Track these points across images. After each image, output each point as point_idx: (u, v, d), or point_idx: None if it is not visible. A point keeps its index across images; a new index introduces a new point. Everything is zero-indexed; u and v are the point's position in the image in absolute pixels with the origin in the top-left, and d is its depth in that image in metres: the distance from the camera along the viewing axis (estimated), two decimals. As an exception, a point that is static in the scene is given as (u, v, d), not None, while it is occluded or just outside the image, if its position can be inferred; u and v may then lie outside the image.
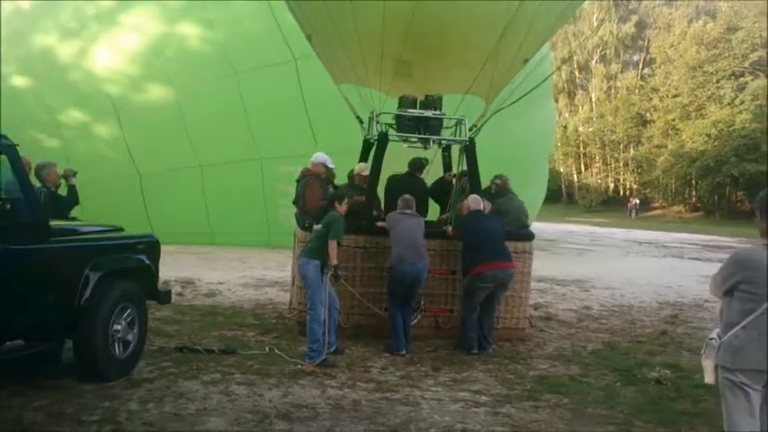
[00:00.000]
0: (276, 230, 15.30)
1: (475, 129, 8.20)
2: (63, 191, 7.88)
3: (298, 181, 8.15)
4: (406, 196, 7.55)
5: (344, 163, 8.65)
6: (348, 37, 7.64)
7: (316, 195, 7.69)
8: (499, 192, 8.42)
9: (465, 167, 8.24)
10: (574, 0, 8.20)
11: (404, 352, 7.02)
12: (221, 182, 15.57)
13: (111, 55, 15.90)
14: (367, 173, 8.13)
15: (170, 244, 11.17)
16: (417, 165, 8.61)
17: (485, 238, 7.32)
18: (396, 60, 7.85)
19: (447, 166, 8.84)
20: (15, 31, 15.75)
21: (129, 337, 5.76)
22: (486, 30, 7.45)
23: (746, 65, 45.56)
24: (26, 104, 15.33)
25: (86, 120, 15.91)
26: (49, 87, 15.72)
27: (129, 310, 5.75)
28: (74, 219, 7.20)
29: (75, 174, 8.17)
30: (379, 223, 7.85)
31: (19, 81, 15.73)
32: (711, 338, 3.50)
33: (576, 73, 57.47)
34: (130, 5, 16.02)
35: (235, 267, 13.01)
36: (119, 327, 5.63)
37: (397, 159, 8.74)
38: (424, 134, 8.01)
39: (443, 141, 8.31)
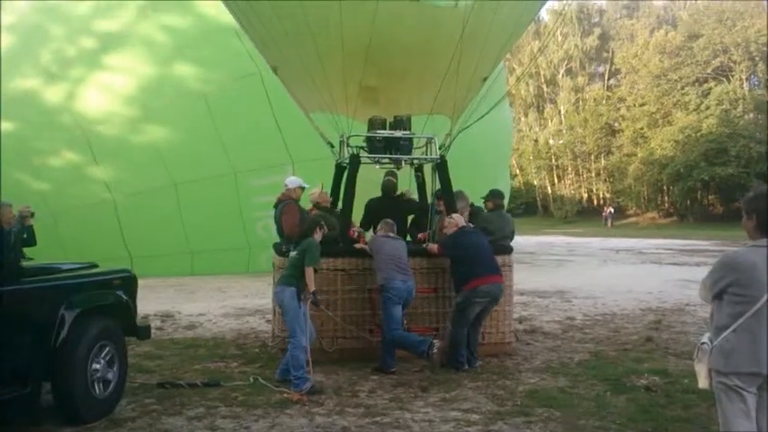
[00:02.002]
0: (255, 243, 15.22)
1: (444, 147, 8.24)
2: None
3: (275, 206, 8.10)
4: (388, 221, 7.57)
5: (317, 170, 8.61)
6: (313, 67, 7.73)
7: (293, 221, 7.62)
8: (493, 208, 8.47)
9: (438, 185, 8.27)
10: (523, 17, 8.33)
11: (394, 369, 7.03)
12: (197, 199, 15.44)
13: (98, 96, 15.79)
14: (319, 191, 8.21)
15: (148, 276, 11.06)
16: (390, 187, 8.60)
17: (476, 253, 7.33)
18: (360, 87, 7.92)
19: (420, 185, 8.84)
20: None
21: (109, 376, 5.60)
22: (440, 52, 7.59)
23: (709, 71, 46.48)
24: (11, 148, 15.17)
25: (74, 159, 15.74)
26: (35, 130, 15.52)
27: (107, 348, 5.59)
28: (30, 259, 7.06)
29: (32, 214, 8.06)
30: (358, 245, 7.81)
31: (4, 127, 15.47)
32: (703, 343, 3.46)
33: (544, 87, 58.19)
34: (113, 47, 15.93)
35: (214, 297, 12.84)
36: (98, 366, 5.47)
37: (370, 182, 8.76)
38: (396, 154, 8.03)
39: (415, 161, 8.34)
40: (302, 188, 8.14)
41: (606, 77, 58.45)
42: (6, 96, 15.39)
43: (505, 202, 20.70)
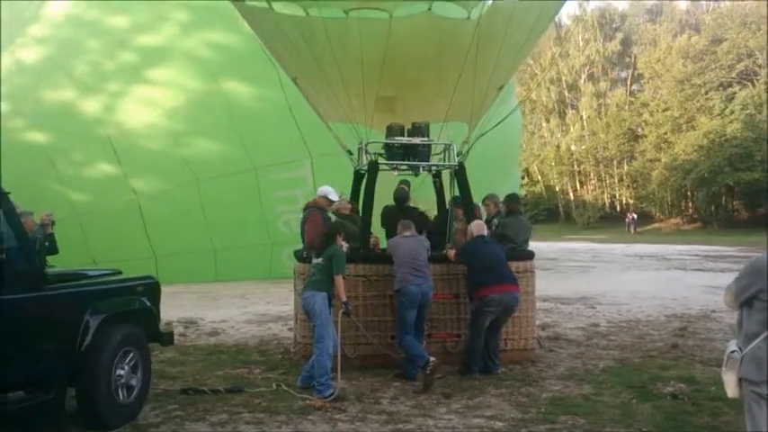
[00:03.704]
0: (277, 240, 15.48)
1: (462, 154, 8.24)
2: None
3: (304, 210, 8.15)
4: (405, 221, 7.54)
5: (335, 165, 8.68)
6: (333, 82, 7.87)
7: (314, 231, 7.64)
8: (509, 212, 8.43)
9: (456, 192, 8.31)
10: (535, 30, 8.36)
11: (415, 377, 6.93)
12: (219, 195, 15.69)
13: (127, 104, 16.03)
14: (341, 199, 8.26)
15: (172, 283, 11.14)
16: (403, 196, 8.56)
17: (488, 262, 7.30)
18: (377, 98, 8.01)
19: (438, 191, 8.84)
20: (18, 87, 15.79)
21: (133, 382, 5.63)
22: (454, 62, 7.71)
23: (733, 75, 45.88)
24: (49, 160, 15.45)
25: (97, 161, 15.96)
26: (73, 142, 15.77)
27: (131, 354, 5.63)
28: (51, 266, 7.11)
29: (53, 223, 8.12)
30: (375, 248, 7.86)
31: (36, 137, 15.72)
32: (733, 351, 3.35)
33: (566, 92, 57.83)
34: (153, 61, 16.20)
35: (236, 304, 12.88)
36: (122, 372, 5.50)
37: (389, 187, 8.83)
38: (414, 161, 8.04)
39: (433, 167, 8.34)
40: (328, 200, 8.14)
41: (629, 83, 57.90)
42: (38, 106, 15.74)
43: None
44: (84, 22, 16.73)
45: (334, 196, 8.19)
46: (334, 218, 8.22)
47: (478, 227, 7.63)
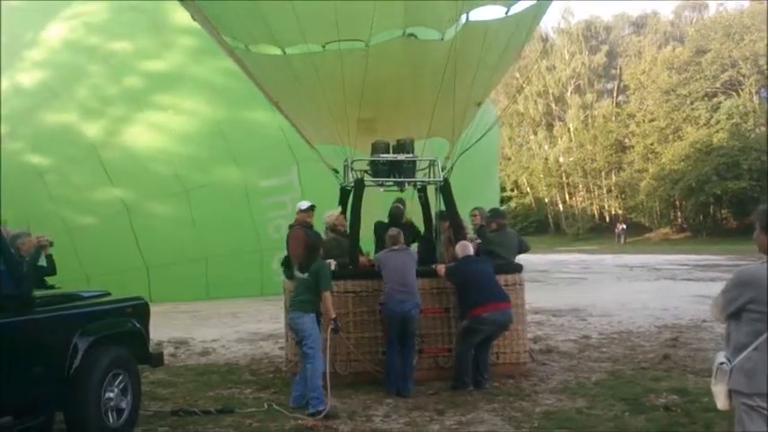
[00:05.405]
0: (267, 246, 15.53)
1: (446, 169, 8.30)
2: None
3: (290, 227, 8.16)
4: (392, 232, 7.50)
5: (322, 170, 8.81)
6: (315, 106, 7.98)
7: (297, 248, 7.62)
8: (495, 228, 8.42)
9: (442, 207, 8.37)
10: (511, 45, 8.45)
11: (395, 393, 6.91)
12: (208, 204, 15.82)
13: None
14: (337, 213, 8.27)
15: (162, 302, 11.05)
16: (397, 214, 8.56)
17: (478, 281, 7.29)
18: (358, 120, 8.08)
19: (424, 206, 8.86)
20: (16, 109, 15.84)
21: (123, 405, 5.58)
22: (430, 82, 7.80)
23: (718, 85, 46.37)
24: (47, 182, 15.52)
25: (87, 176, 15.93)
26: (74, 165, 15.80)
27: (120, 377, 5.58)
28: (52, 287, 7.07)
29: (51, 244, 8.13)
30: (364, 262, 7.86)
31: (34, 159, 15.74)
32: (722, 363, 3.34)
33: (553, 105, 58.21)
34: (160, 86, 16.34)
35: (228, 323, 12.81)
36: (111, 394, 5.45)
37: (376, 203, 8.83)
38: (399, 177, 8.08)
39: (418, 183, 8.40)
40: (302, 211, 8.15)
41: (615, 94, 58.44)
42: (36, 130, 15.82)
43: (497, 200, 20.92)
44: (82, 47, 16.87)
45: (304, 205, 8.22)
46: (331, 234, 8.21)
47: (463, 248, 7.59)
